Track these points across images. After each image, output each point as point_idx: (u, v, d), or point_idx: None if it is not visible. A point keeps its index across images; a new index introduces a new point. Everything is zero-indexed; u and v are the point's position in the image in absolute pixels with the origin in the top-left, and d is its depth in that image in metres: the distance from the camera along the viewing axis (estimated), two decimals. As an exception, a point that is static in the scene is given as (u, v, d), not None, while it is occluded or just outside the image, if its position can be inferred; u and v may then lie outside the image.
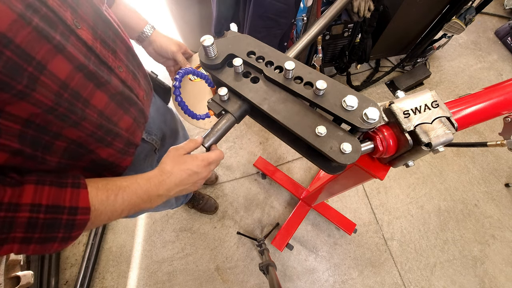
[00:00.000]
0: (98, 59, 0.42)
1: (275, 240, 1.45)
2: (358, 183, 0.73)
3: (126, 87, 0.50)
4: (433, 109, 0.42)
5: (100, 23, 0.45)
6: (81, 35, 0.39)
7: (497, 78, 2.08)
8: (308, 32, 0.67)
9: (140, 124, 0.57)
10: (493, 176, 1.72)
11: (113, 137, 0.49)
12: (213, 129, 0.47)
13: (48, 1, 0.33)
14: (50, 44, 0.33)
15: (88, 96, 0.41)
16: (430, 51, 1.91)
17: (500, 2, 2.42)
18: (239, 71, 0.46)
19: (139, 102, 0.55)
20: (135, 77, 0.54)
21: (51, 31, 0.34)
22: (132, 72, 0.53)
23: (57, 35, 0.34)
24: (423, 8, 1.53)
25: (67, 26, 0.36)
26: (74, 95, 0.38)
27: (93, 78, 0.41)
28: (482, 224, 1.59)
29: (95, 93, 0.42)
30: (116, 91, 0.47)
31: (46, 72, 0.34)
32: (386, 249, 1.52)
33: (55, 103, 0.36)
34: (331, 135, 0.40)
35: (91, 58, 0.41)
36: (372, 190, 1.67)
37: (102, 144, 0.47)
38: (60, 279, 1.42)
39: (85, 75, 0.39)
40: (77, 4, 0.39)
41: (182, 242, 1.53)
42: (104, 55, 0.44)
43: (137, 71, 0.56)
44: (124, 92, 0.49)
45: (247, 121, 1.81)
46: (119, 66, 0.48)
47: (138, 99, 0.54)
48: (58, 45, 0.34)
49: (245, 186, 1.67)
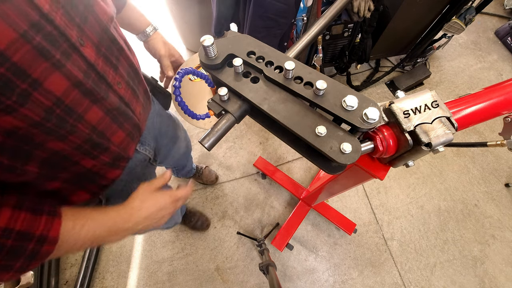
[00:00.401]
0: (97, 76, 0.42)
1: (275, 240, 1.45)
2: (358, 183, 0.73)
3: (123, 103, 0.50)
4: (433, 109, 0.42)
5: (106, 40, 0.45)
6: (84, 52, 0.39)
7: (497, 78, 2.08)
8: (308, 32, 0.67)
9: (134, 138, 0.57)
10: (493, 176, 1.72)
11: (100, 151, 0.48)
12: (213, 129, 0.47)
13: (56, 20, 0.33)
14: (49, 61, 0.33)
15: (83, 112, 0.41)
16: (430, 51, 1.91)
17: (500, 2, 2.42)
18: (239, 71, 0.46)
19: (135, 117, 0.54)
20: (134, 93, 0.54)
21: (53, 49, 0.33)
22: (131, 88, 0.53)
23: (58, 53, 0.34)
24: (423, 8, 1.53)
25: (71, 44, 0.36)
26: (67, 111, 0.38)
27: (90, 95, 0.41)
28: (482, 224, 1.59)
29: (91, 109, 0.42)
30: (113, 107, 0.46)
31: (40, 89, 0.33)
32: (386, 249, 1.52)
33: (44, 118, 0.35)
34: (331, 135, 0.40)
35: (91, 75, 0.41)
36: (372, 190, 1.67)
37: (87, 156, 0.46)
38: (60, 279, 1.42)
39: (81, 92, 0.39)
40: (84, 22, 0.39)
41: (182, 242, 1.53)
42: (105, 71, 0.44)
43: (137, 87, 0.56)
44: (120, 108, 0.48)
45: (247, 121, 1.81)
46: (118, 82, 0.48)
47: (134, 114, 0.54)
48: (57, 63, 0.34)
49: (245, 186, 1.67)
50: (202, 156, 1.74)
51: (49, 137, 0.38)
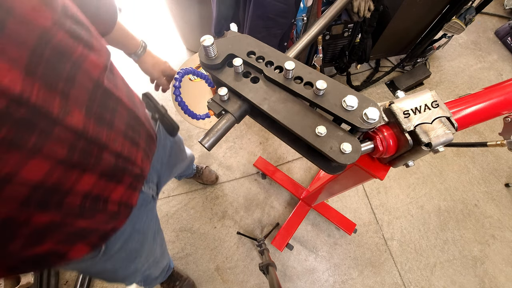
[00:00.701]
0: (88, 142, 0.35)
1: (275, 240, 1.45)
2: (358, 183, 0.73)
3: (121, 158, 0.44)
4: (433, 109, 0.42)
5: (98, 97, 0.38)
6: (69, 122, 0.32)
7: (497, 78, 2.08)
8: (308, 32, 0.67)
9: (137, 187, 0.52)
10: (493, 176, 1.72)
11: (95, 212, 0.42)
12: (213, 129, 0.47)
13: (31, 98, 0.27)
14: (23, 150, 0.27)
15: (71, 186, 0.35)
16: (430, 51, 1.91)
17: (500, 2, 2.42)
18: (239, 71, 0.46)
19: (136, 168, 0.48)
20: (134, 143, 0.47)
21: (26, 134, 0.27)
22: (130, 138, 0.46)
23: (33, 136, 0.28)
24: (423, 8, 1.53)
25: (51, 119, 0.30)
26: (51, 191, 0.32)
27: (79, 166, 0.35)
28: (482, 224, 1.59)
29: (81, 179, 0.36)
30: (108, 167, 0.40)
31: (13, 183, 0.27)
32: (386, 249, 1.52)
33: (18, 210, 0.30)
34: (331, 135, 0.40)
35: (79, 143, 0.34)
36: (372, 190, 1.67)
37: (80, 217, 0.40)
38: (60, 279, 1.42)
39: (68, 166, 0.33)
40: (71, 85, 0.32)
41: (182, 242, 1.53)
42: (98, 133, 0.37)
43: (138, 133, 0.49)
44: (117, 165, 0.42)
45: (247, 121, 1.81)
46: (114, 139, 0.41)
47: (135, 165, 0.48)
48: (33, 148, 0.28)
49: (245, 186, 1.67)
50: (202, 156, 1.74)
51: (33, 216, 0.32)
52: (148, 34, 2.23)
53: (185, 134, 1.80)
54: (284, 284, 1.43)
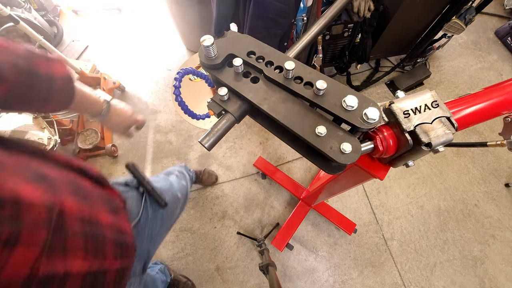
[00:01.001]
0: None
1: (275, 240, 1.45)
2: (358, 183, 0.73)
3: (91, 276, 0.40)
4: (433, 109, 0.42)
5: None
6: None
7: (497, 78, 2.08)
8: (308, 32, 0.67)
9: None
10: (493, 176, 1.72)
11: None
12: (213, 129, 0.47)
13: None
14: None
15: None
16: (430, 51, 1.91)
17: (500, 2, 2.42)
18: (239, 71, 0.46)
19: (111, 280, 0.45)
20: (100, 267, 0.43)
21: None
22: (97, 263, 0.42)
23: None
24: (423, 8, 1.53)
25: None
26: None
27: None
28: (482, 224, 1.59)
29: None
30: None
31: None
32: (386, 249, 1.52)
33: None
34: (331, 135, 0.40)
35: None
36: (372, 190, 1.67)
37: None
38: (60, 279, 1.42)
39: None
40: None
41: (182, 242, 1.53)
42: None
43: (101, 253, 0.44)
44: None
45: (247, 121, 1.81)
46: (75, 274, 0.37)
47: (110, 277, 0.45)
48: None
49: (245, 186, 1.67)
50: (202, 156, 1.74)
51: None
52: (148, 34, 2.23)
53: (185, 134, 1.80)
54: (284, 284, 1.43)
